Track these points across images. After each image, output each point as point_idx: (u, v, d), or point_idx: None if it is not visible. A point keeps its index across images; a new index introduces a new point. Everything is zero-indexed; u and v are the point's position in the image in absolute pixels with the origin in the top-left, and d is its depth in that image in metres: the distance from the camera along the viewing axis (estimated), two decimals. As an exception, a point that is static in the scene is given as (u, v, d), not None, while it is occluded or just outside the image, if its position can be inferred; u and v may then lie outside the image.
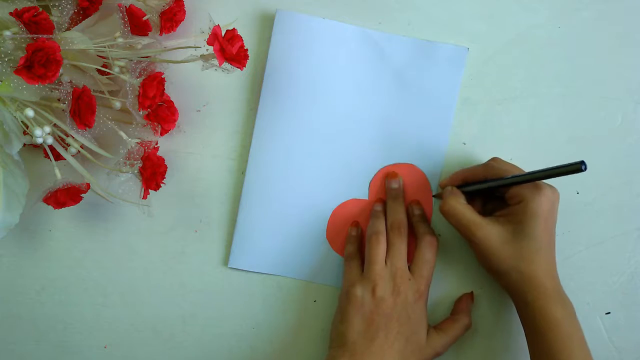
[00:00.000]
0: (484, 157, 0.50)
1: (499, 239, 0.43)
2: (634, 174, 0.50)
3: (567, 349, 0.41)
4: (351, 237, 0.49)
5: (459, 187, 0.47)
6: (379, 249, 0.46)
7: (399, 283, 0.45)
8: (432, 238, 0.47)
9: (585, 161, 0.40)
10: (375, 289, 0.45)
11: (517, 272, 0.43)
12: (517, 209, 0.44)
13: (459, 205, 0.45)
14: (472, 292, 0.49)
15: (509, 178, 0.44)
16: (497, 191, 0.46)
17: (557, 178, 0.46)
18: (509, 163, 0.46)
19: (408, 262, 0.47)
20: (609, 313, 0.50)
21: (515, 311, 0.45)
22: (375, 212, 0.49)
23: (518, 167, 0.45)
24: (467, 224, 0.44)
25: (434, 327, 0.47)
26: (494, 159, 0.47)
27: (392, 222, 0.47)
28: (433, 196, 0.49)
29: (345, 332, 0.45)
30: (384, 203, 0.49)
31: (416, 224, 0.48)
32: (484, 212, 0.47)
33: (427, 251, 0.47)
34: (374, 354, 0.44)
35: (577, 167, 0.40)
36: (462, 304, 0.48)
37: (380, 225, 0.48)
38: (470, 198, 0.47)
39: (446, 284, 0.49)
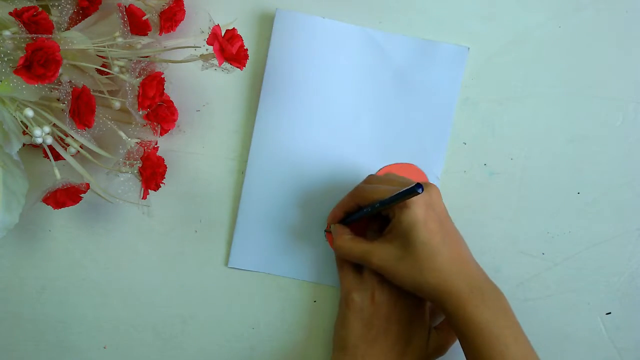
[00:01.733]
0: (484, 157, 0.50)
1: (393, 257, 0.42)
2: (634, 174, 0.50)
3: (496, 351, 0.38)
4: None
5: (342, 221, 0.47)
6: None
7: (398, 287, 0.45)
8: None
9: (421, 186, 0.39)
10: (374, 294, 0.45)
11: (425, 284, 0.40)
12: (395, 223, 0.42)
13: (345, 241, 0.45)
14: None
15: (363, 211, 0.44)
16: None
17: (554, 177, 0.46)
18: (377, 177, 0.45)
19: None
20: (609, 313, 0.49)
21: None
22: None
23: (378, 186, 0.44)
24: (360, 256, 0.44)
25: (435, 327, 0.47)
26: (367, 179, 0.46)
27: None
28: (326, 231, 0.49)
29: (345, 337, 0.45)
30: None
31: None
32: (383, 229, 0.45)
33: None
34: (375, 356, 0.44)
35: (415, 191, 0.39)
36: None
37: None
38: (367, 222, 0.47)
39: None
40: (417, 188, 0.39)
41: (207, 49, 0.42)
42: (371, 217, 0.46)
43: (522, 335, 0.40)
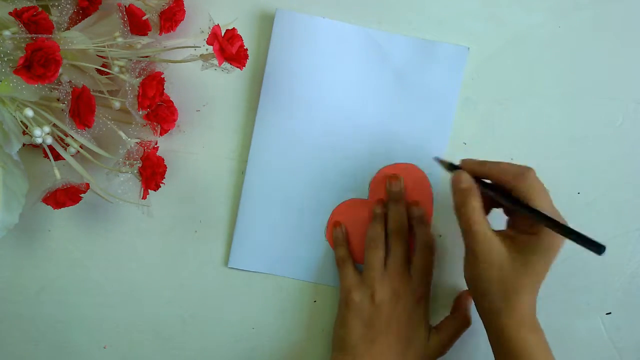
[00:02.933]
0: (484, 157, 0.49)
1: (498, 259, 0.40)
2: (634, 174, 0.49)
3: None
4: (337, 239, 0.49)
5: (479, 180, 0.43)
6: (377, 255, 0.46)
7: (398, 287, 0.45)
8: (431, 240, 0.47)
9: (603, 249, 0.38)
10: (374, 294, 0.45)
11: (501, 296, 0.40)
12: (531, 240, 0.40)
13: (478, 211, 0.41)
14: (467, 291, 0.49)
15: (540, 214, 0.39)
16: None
17: (554, 177, 0.46)
18: (540, 184, 0.41)
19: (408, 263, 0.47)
20: (609, 313, 0.49)
21: None
22: (375, 215, 0.48)
23: (545, 192, 0.41)
24: (474, 233, 0.40)
25: (434, 327, 0.47)
26: (529, 171, 0.41)
27: (393, 226, 0.47)
28: (439, 160, 0.46)
29: (345, 337, 0.45)
30: (383, 205, 0.49)
31: (416, 225, 0.48)
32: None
33: (426, 254, 0.47)
34: (375, 356, 0.44)
35: (597, 251, 0.38)
36: (460, 302, 0.48)
37: (380, 230, 0.47)
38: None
39: (447, 285, 0.49)
40: (603, 248, 0.38)
41: (207, 49, 0.42)
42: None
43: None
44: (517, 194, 0.40)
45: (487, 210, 0.43)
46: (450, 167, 0.45)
